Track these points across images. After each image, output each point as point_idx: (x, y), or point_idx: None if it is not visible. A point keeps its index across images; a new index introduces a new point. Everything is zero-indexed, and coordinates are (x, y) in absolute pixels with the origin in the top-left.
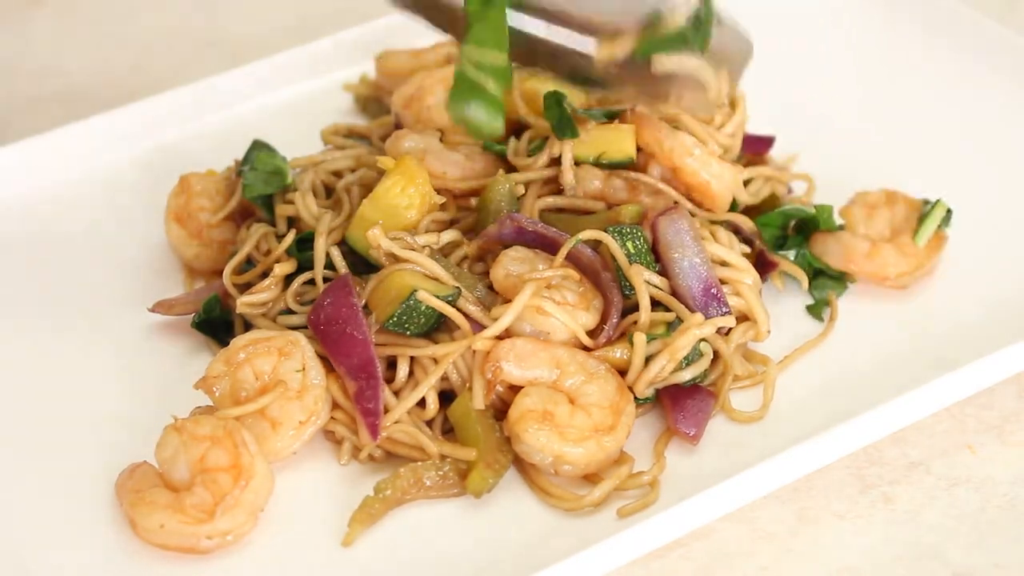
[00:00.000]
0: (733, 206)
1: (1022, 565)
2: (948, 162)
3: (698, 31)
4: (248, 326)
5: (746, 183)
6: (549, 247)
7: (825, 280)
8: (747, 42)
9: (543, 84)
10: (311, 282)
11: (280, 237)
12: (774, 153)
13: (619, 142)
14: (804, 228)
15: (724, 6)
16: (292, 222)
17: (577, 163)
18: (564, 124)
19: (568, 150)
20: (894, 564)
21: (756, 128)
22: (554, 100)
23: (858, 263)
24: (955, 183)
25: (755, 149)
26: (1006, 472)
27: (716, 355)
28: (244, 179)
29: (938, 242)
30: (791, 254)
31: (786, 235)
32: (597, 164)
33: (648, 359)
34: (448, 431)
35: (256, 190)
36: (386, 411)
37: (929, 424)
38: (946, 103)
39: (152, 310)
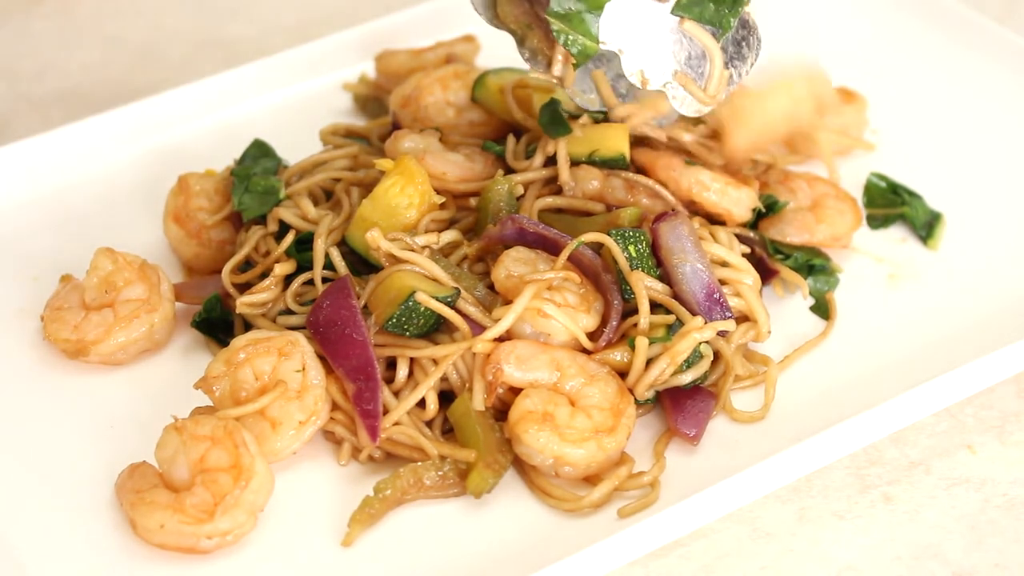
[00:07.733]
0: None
1: (1022, 565)
2: (948, 162)
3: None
4: (248, 326)
5: None
6: (550, 248)
7: (816, 275)
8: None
9: (537, 89)
10: (311, 282)
11: (280, 237)
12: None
13: (611, 139)
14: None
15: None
16: (286, 224)
17: (574, 163)
18: (556, 122)
19: (562, 147)
20: (894, 564)
21: None
22: (547, 104)
23: (812, 230)
24: (955, 183)
25: None
26: (1006, 472)
27: (717, 355)
28: (241, 204)
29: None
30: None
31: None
32: (591, 162)
33: (648, 362)
34: (448, 431)
35: (253, 212)
36: (386, 412)
37: (929, 424)
38: (946, 103)
39: None
